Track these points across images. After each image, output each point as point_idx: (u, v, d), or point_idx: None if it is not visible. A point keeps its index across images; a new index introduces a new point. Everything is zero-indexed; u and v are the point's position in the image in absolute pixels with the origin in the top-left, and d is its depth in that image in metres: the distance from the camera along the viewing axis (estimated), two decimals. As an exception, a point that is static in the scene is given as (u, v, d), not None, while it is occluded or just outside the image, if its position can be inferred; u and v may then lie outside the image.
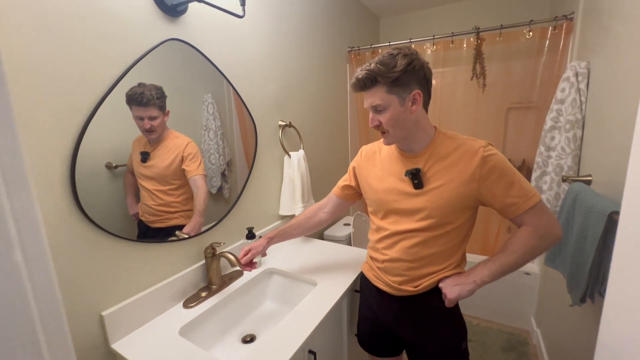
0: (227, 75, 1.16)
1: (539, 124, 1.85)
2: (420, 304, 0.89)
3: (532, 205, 0.77)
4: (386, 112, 0.80)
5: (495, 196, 0.79)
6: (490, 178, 0.78)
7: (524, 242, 0.79)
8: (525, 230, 0.80)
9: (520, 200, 0.78)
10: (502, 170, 0.78)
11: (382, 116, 0.80)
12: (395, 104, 0.79)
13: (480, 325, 1.95)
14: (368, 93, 0.80)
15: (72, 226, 0.76)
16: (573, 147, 1.29)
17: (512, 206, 0.79)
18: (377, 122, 0.82)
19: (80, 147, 0.75)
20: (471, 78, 1.88)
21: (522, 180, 0.79)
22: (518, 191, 0.78)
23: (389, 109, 0.79)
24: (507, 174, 0.78)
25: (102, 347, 0.83)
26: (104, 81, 0.79)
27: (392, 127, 0.81)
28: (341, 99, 2.11)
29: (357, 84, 0.80)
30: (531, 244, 0.79)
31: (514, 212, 0.79)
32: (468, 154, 0.80)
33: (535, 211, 0.78)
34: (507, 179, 0.78)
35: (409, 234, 0.86)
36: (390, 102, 0.79)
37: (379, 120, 0.81)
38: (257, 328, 1.08)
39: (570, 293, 0.97)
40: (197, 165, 1.06)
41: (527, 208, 0.78)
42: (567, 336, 1.32)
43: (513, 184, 0.78)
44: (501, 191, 0.78)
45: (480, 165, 0.78)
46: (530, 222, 0.79)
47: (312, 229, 1.15)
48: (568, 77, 1.30)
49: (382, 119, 0.80)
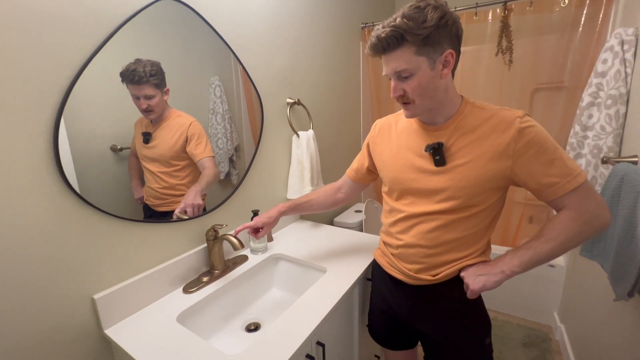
0: (233, 47, 1.06)
1: (569, 106, 1.70)
2: (439, 294, 0.79)
3: (576, 185, 0.65)
4: (413, 79, 0.67)
5: (533, 175, 0.67)
6: (527, 154, 0.66)
7: (564, 229, 0.67)
8: (567, 215, 0.68)
9: (562, 181, 0.66)
10: (542, 144, 0.66)
11: (407, 84, 0.68)
12: (425, 67, 0.66)
13: (498, 319, 1.84)
14: (391, 56, 0.66)
15: (58, 203, 0.69)
16: (615, 125, 1.15)
17: (551, 187, 0.67)
18: (400, 92, 0.69)
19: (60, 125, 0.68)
20: (496, 54, 1.73)
21: (565, 157, 0.67)
22: (560, 169, 0.66)
23: (417, 75, 0.66)
24: (547, 149, 0.66)
25: (96, 332, 0.78)
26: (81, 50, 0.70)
27: (419, 97, 0.68)
28: (353, 77, 1.99)
29: (378, 44, 0.66)
30: (573, 231, 0.67)
31: (554, 193, 0.67)
32: (501, 125, 0.68)
33: (580, 193, 0.66)
34: (548, 155, 0.66)
35: (428, 217, 0.75)
36: (419, 66, 0.65)
37: (403, 89, 0.69)
38: (262, 316, 1.01)
39: (614, 286, 0.86)
40: (204, 146, 0.99)
41: (571, 189, 0.66)
42: (597, 333, 1.21)
43: (554, 160, 0.66)
44: (540, 169, 0.67)
45: (516, 139, 0.66)
46: (573, 206, 0.67)
47: (329, 207, 1.07)
48: (612, 47, 1.15)
49: (408, 87, 0.68)
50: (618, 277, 0.85)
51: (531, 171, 0.67)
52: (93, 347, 0.77)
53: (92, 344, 0.77)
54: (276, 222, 1.02)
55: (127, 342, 0.74)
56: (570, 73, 1.67)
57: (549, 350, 1.59)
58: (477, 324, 0.80)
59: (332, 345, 0.89)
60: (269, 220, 0.99)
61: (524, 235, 2.04)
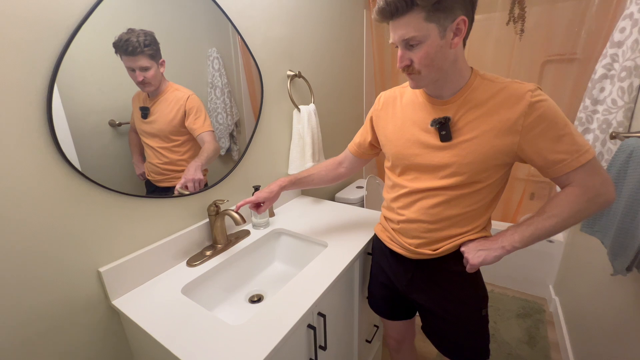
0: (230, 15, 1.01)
1: (580, 80, 1.64)
2: (438, 268, 0.80)
3: (584, 162, 0.63)
4: (421, 48, 0.63)
5: (540, 151, 0.65)
6: (536, 129, 0.64)
7: (568, 205, 0.66)
8: (572, 192, 0.66)
9: (569, 157, 0.64)
10: (552, 119, 0.63)
11: (415, 53, 0.64)
12: (434, 35, 0.62)
13: (495, 291, 1.90)
14: (399, 22, 0.62)
15: (59, 181, 0.68)
16: (627, 99, 1.11)
17: (558, 164, 0.65)
18: (407, 62, 0.65)
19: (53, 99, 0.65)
20: (507, 23, 1.65)
21: (574, 133, 0.64)
22: (568, 146, 0.64)
23: (425, 43, 0.62)
24: (557, 125, 0.63)
25: (103, 303, 0.80)
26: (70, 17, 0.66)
27: (425, 67, 0.65)
28: (357, 47, 1.91)
29: (386, 8, 0.62)
30: (577, 207, 0.66)
31: (560, 170, 0.66)
32: (511, 99, 0.65)
33: (587, 169, 0.64)
34: (557, 130, 0.63)
35: (431, 193, 0.74)
36: (428, 34, 0.61)
37: (409, 59, 0.65)
38: (264, 288, 1.03)
39: (613, 261, 0.87)
40: (203, 120, 0.97)
41: (578, 166, 0.64)
42: (591, 306, 1.24)
43: (563, 137, 0.64)
44: (548, 145, 0.64)
45: (526, 114, 0.64)
46: (579, 182, 0.65)
47: (330, 181, 1.06)
48: (631, 14, 1.08)
49: (415, 56, 0.64)
50: (617, 252, 0.85)
51: (539, 147, 0.65)
52: (102, 316, 0.80)
53: (101, 313, 0.80)
54: (277, 197, 1.01)
55: (134, 312, 0.76)
56: (584, 44, 1.60)
57: (542, 321, 1.65)
58: (475, 297, 0.81)
59: (332, 316, 0.92)
60: (270, 195, 0.98)
61: (525, 212, 2.05)
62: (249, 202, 0.97)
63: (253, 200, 0.97)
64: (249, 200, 0.97)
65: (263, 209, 1.00)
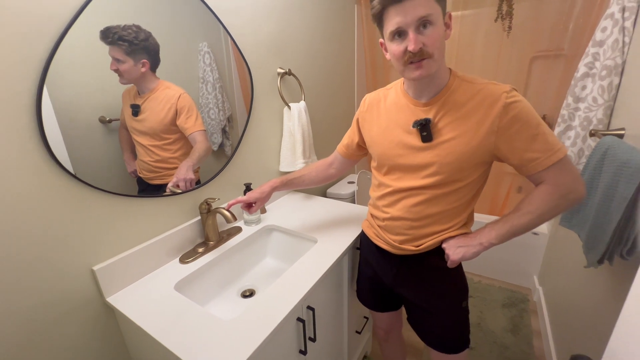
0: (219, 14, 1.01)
1: (566, 75, 1.67)
2: (421, 263, 0.84)
3: (556, 160, 0.67)
4: (434, 28, 0.63)
5: (515, 150, 0.68)
6: (511, 129, 0.67)
7: (541, 203, 0.70)
8: (544, 190, 0.70)
9: (542, 156, 0.67)
10: (526, 120, 0.66)
11: (427, 35, 0.63)
12: (441, 19, 0.64)
13: (482, 282, 1.96)
14: (413, 2, 0.61)
15: (51, 182, 0.70)
16: (607, 97, 1.15)
17: (532, 162, 0.68)
18: (421, 44, 0.63)
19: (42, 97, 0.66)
20: (495, 19, 1.67)
21: (547, 132, 0.67)
22: (542, 145, 0.67)
23: (437, 24, 0.63)
24: (531, 125, 0.67)
25: (98, 300, 0.82)
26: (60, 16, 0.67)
27: (437, 50, 0.64)
28: (348, 44, 1.91)
29: None
30: (550, 204, 0.69)
31: (534, 168, 0.69)
32: (487, 100, 0.68)
33: (559, 168, 0.68)
34: (531, 130, 0.67)
35: (413, 192, 0.78)
36: (439, 15, 0.63)
37: (423, 41, 0.63)
38: (256, 283, 1.06)
39: (587, 254, 0.92)
40: (194, 120, 0.98)
41: (550, 164, 0.67)
42: (571, 295, 1.30)
43: (537, 136, 0.67)
44: (522, 145, 0.68)
45: (501, 114, 0.67)
46: (551, 180, 0.69)
47: (321, 182, 1.09)
48: (612, 14, 1.11)
49: (428, 38, 0.63)
50: (591, 245, 0.90)
51: (514, 146, 0.68)
52: (97, 312, 0.83)
53: (96, 310, 0.82)
54: (269, 197, 1.04)
55: (128, 308, 0.79)
56: (570, 40, 1.63)
57: (526, 310, 1.72)
58: (455, 290, 0.85)
59: (322, 309, 0.96)
60: (261, 196, 1.01)
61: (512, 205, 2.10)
62: (240, 202, 0.99)
63: (245, 200, 0.99)
64: (241, 200, 0.99)
65: (254, 209, 1.02)
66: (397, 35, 0.65)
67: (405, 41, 0.65)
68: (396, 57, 0.68)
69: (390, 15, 0.64)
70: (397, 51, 0.66)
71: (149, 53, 0.85)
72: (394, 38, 0.66)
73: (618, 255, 0.81)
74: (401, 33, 0.65)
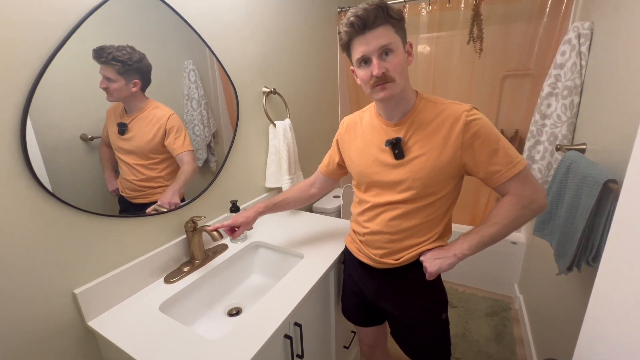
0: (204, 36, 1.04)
1: (534, 93, 1.79)
2: (401, 276, 0.87)
3: (516, 172, 0.73)
4: (395, 56, 0.71)
5: (479, 164, 0.75)
6: (474, 144, 0.74)
7: (506, 213, 0.75)
8: (508, 201, 0.76)
9: (504, 168, 0.73)
10: (486, 135, 0.73)
11: (389, 61, 0.71)
12: (401, 48, 0.72)
13: (466, 292, 2.00)
14: (376, 33, 0.69)
15: (28, 200, 0.69)
16: (569, 114, 1.25)
17: (495, 174, 0.74)
18: (384, 69, 0.71)
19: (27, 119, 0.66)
20: (467, 42, 1.78)
21: (507, 146, 0.74)
22: (503, 158, 0.73)
23: (397, 52, 0.71)
24: (491, 140, 0.73)
25: (79, 325, 0.80)
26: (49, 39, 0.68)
27: (399, 74, 0.72)
28: (330, 63, 1.99)
29: (364, 16, 0.68)
30: (514, 214, 0.75)
31: (497, 180, 0.75)
32: (450, 119, 0.75)
33: (520, 179, 0.74)
34: (492, 145, 0.73)
35: (390, 206, 0.82)
36: (398, 44, 0.71)
37: (385, 66, 0.71)
38: (243, 301, 1.06)
39: (558, 262, 0.97)
40: (182, 140, 0.99)
41: (512, 176, 0.73)
42: (548, 302, 1.36)
43: (498, 150, 0.73)
44: (485, 158, 0.74)
45: (464, 131, 0.73)
46: (514, 191, 0.75)
47: (304, 202, 1.11)
48: (569, 40, 1.22)
49: (390, 64, 0.71)
50: (561, 253, 0.95)
51: (477, 160, 0.75)
52: (78, 338, 0.80)
53: (76, 335, 0.80)
54: (253, 222, 1.05)
55: (110, 332, 0.77)
56: (535, 61, 1.75)
57: (508, 318, 1.76)
58: (435, 302, 0.89)
59: (309, 325, 0.96)
60: (246, 220, 1.01)
61: (491, 215, 2.18)
62: (225, 226, 0.99)
63: (229, 224, 1.00)
64: (226, 224, 0.99)
65: (237, 234, 1.02)
66: (363, 62, 0.73)
67: (370, 67, 0.72)
68: (364, 81, 0.75)
69: (355, 45, 0.72)
70: (364, 76, 0.74)
71: (142, 73, 0.87)
72: (360, 65, 0.74)
73: (585, 263, 0.86)
74: (366, 60, 0.72)
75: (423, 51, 2.05)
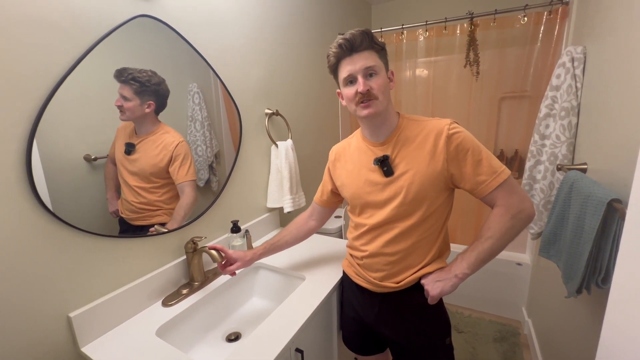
0: (210, 60, 1.08)
1: (532, 114, 1.82)
2: (402, 300, 0.85)
3: (501, 182, 0.74)
4: (378, 77, 0.77)
5: (465, 175, 0.76)
6: (458, 157, 0.76)
7: (497, 225, 0.75)
8: (497, 212, 0.76)
9: (488, 178, 0.75)
10: (468, 148, 0.76)
11: (373, 81, 0.76)
12: (384, 72, 0.78)
13: (472, 316, 1.94)
14: (362, 55, 0.75)
15: (29, 220, 0.68)
16: (568, 135, 1.26)
17: (481, 185, 0.76)
18: (368, 87, 0.76)
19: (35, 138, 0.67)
20: (464, 66, 1.83)
21: (490, 157, 0.77)
22: (486, 168, 0.75)
23: (380, 74, 0.77)
24: (474, 151, 0.75)
25: (71, 351, 0.77)
26: (61, 63, 0.71)
27: (382, 94, 0.77)
28: (331, 87, 2.03)
29: (353, 40, 0.75)
30: (505, 225, 0.75)
31: (484, 190, 0.76)
32: (433, 133, 0.78)
33: (505, 188, 0.75)
34: (475, 156, 0.75)
35: (386, 227, 0.82)
36: (381, 67, 0.78)
37: (370, 84, 0.76)
38: (242, 326, 1.03)
39: (566, 284, 0.95)
40: (187, 169, 0.99)
41: (497, 185, 0.75)
42: (558, 326, 1.31)
43: (481, 161, 0.75)
44: (470, 170, 0.76)
45: (447, 144, 0.76)
46: (501, 202, 0.76)
47: (304, 237, 1.10)
48: (564, 63, 1.26)
49: (374, 83, 0.76)
50: (569, 275, 0.93)
51: (462, 171, 0.76)
52: (69, 365, 0.77)
53: (68, 362, 0.77)
54: (250, 264, 1.01)
55: (104, 359, 0.74)
56: (531, 83, 1.80)
57: (517, 344, 1.69)
58: (438, 327, 0.86)
59: (311, 351, 0.92)
60: (244, 259, 0.98)
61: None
62: (223, 250, 0.95)
63: (228, 254, 0.96)
64: (225, 250, 0.96)
65: (231, 269, 0.95)
66: (349, 82, 0.78)
67: (355, 85, 0.77)
68: (349, 98, 0.79)
69: (342, 65, 0.78)
70: (350, 94, 0.78)
71: (158, 96, 0.89)
72: (347, 84, 0.79)
73: (594, 284, 0.84)
74: (352, 80, 0.77)
75: (421, 74, 2.11)
